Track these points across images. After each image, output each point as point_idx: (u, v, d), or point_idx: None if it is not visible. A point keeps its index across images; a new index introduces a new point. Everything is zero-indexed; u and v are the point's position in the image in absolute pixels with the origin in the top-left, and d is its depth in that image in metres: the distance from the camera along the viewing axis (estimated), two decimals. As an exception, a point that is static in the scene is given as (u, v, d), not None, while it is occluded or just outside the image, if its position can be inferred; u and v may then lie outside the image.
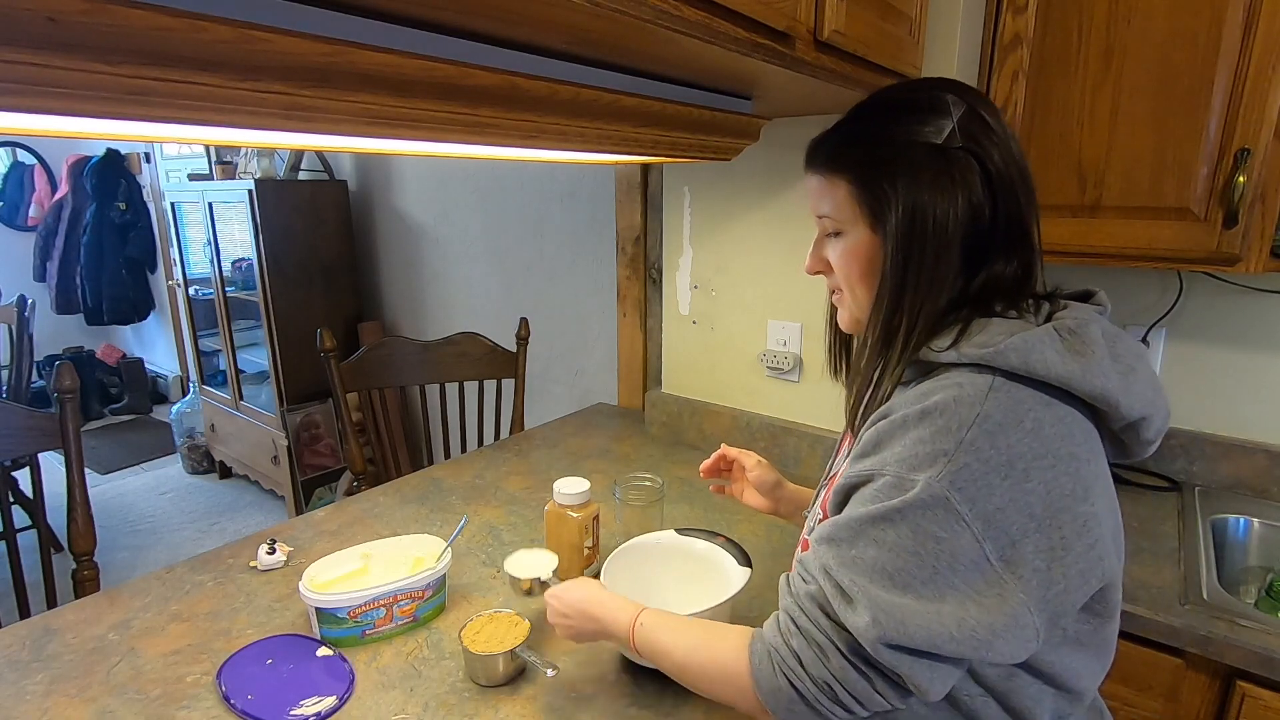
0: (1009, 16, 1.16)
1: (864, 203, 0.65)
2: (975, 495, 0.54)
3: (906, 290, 0.63)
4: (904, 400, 0.61)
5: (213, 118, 0.55)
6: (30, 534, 1.48)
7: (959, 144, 0.62)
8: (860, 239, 0.66)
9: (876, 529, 0.56)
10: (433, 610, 0.99)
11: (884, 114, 0.66)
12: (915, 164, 0.62)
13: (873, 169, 0.64)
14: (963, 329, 0.61)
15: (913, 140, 0.62)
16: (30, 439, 1.21)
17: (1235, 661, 0.90)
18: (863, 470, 0.60)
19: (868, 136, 0.66)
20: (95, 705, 0.83)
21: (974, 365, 0.59)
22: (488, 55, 0.70)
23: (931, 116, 0.63)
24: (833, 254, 0.70)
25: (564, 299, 2.29)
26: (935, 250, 0.62)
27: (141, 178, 4.10)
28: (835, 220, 0.68)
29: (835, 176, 0.67)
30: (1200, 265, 1.10)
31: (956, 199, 0.61)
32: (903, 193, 0.62)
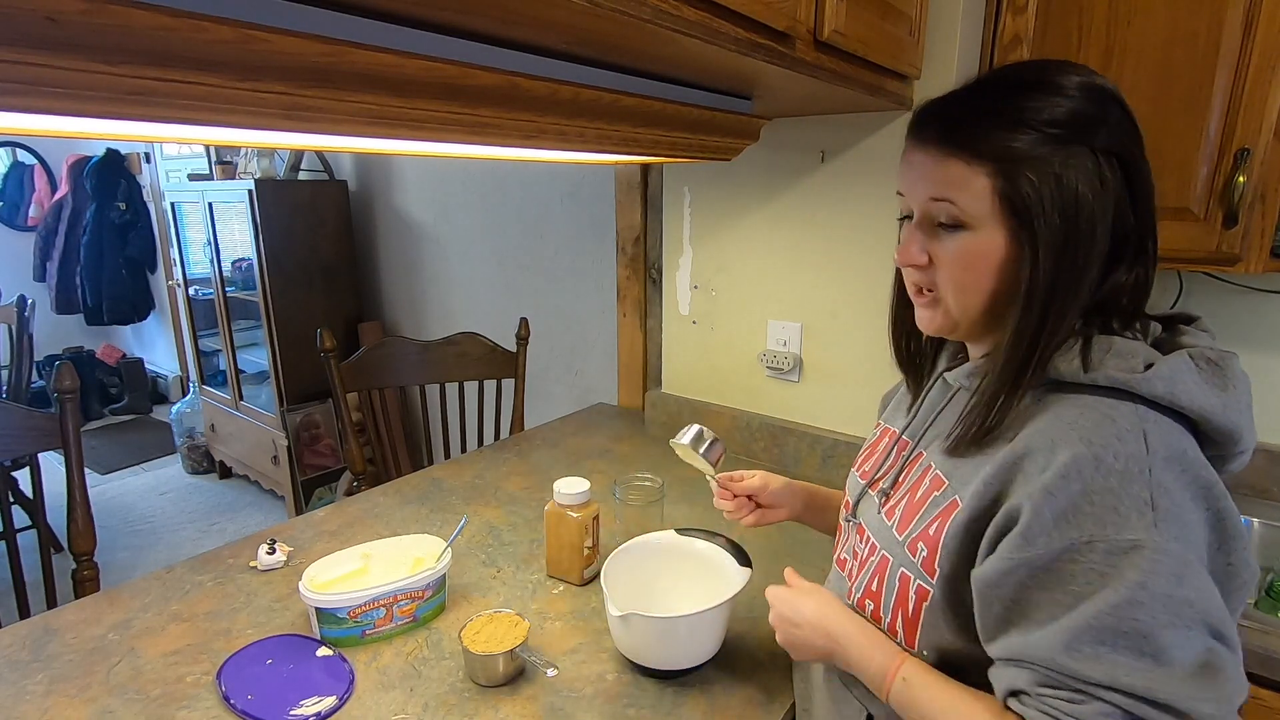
0: (1009, 16, 1.16)
1: (1010, 202, 0.57)
2: (1186, 534, 0.52)
3: (1053, 305, 0.57)
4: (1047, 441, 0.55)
5: (213, 118, 0.55)
6: (30, 534, 1.48)
7: (1111, 146, 0.57)
8: (992, 240, 0.59)
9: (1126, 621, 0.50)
10: (433, 610, 0.99)
11: (1032, 98, 0.57)
12: (1071, 166, 0.56)
13: (1025, 165, 0.56)
14: (1084, 347, 0.57)
15: (1070, 138, 0.56)
16: (30, 439, 1.21)
17: (1235, 661, 0.90)
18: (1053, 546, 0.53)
19: (1018, 122, 0.57)
20: (95, 705, 0.83)
21: (1108, 389, 0.55)
22: (488, 55, 0.70)
23: (1089, 108, 0.57)
24: (944, 249, 0.61)
25: (564, 299, 2.29)
26: (1085, 264, 0.57)
27: (141, 178, 4.10)
28: (963, 213, 0.59)
29: (975, 163, 0.58)
30: (1200, 265, 1.10)
31: (1108, 209, 0.56)
32: (1059, 199, 0.55)
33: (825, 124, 1.36)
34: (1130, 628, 0.50)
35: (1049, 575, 0.54)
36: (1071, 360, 0.57)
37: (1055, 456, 0.54)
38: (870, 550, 0.72)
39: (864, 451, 0.84)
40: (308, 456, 2.92)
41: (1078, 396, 0.57)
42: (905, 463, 0.72)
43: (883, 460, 0.77)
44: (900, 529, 0.67)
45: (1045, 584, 0.54)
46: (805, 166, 1.40)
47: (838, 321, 1.44)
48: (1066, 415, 0.56)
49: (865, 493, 0.77)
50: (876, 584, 0.69)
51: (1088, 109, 0.57)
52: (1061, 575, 0.53)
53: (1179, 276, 1.30)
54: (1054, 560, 0.53)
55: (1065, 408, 0.56)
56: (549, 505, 1.06)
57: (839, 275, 1.41)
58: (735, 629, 0.97)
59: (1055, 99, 0.57)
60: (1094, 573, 0.51)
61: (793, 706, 0.84)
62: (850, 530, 0.78)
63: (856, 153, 1.34)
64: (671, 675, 0.88)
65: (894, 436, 0.78)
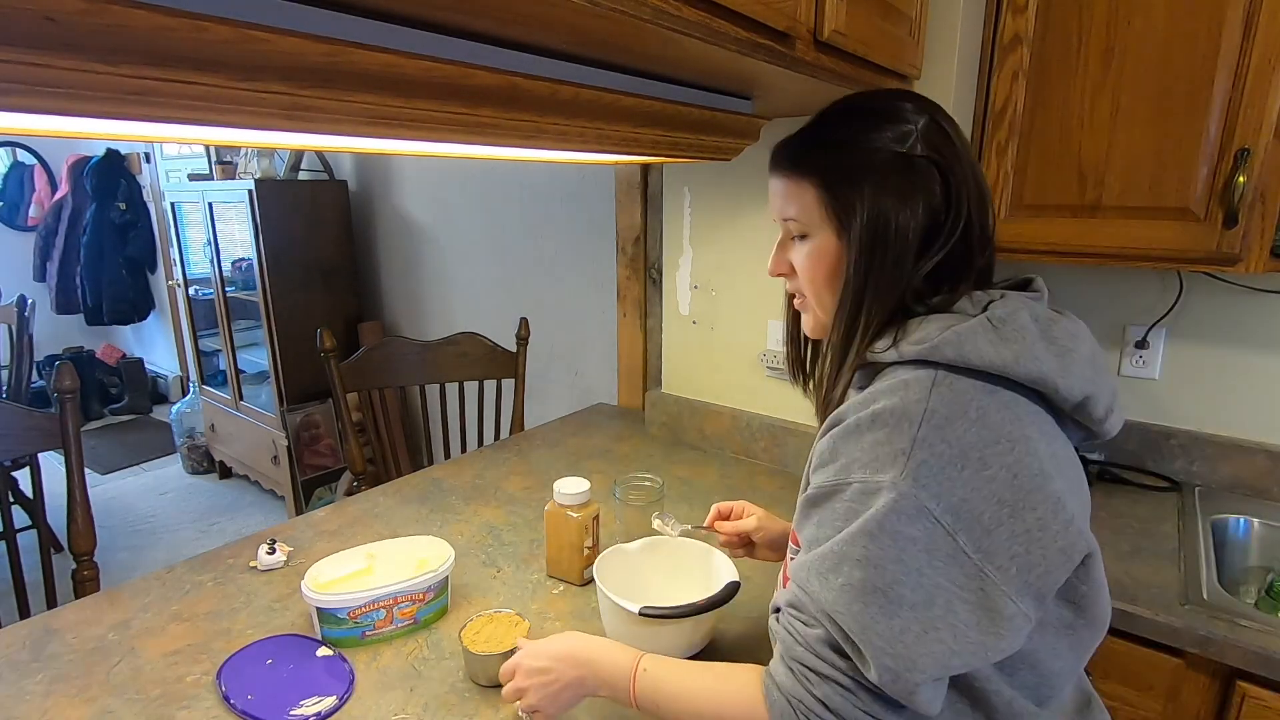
0: (1009, 16, 1.16)
1: (830, 207, 0.66)
2: (939, 490, 0.55)
3: (867, 294, 0.65)
4: (854, 405, 0.62)
5: (213, 118, 0.55)
6: (30, 534, 1.48)
7: (921, 152, 0.64)
8: (826, 243, 0.67)
9: (857, 548, 0.56)
10: (434, 613, 0.99)
11: (850, 120, 0.68)
12: (881, 170, 0.64)
13: (840, 174, 0.65)
14: (900, 328, 0.63)
15: (879, 147, 0.64)
16: (30, 439, 1.21)
17: (1235, 662, 0.90)
18: (826, 482, 0.61)
19: (835, 141, 0.67)
20: (95, 705, 0.83)
21: (915, 362, 0.61)
22: (488, 55, 0.70)
23: (896, 124, 0.65)
24: (797, 257, 0.71)
25: (564, 299, 2.29)
26: (895, 255, 0.64)
27: (141, 178, 4.10)
28: (801, 223, 0.69)
29: (803, 180, 0.68)
30: (1200, 265, 1.10)
31: (918, 205, 0.64)
32: (869, 198, 0.64)
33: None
34: (862, 554, 0.55)
35: (817, 505, 0.62)
36: (886, 342, 0.64)
37: (850, 415, 0.61)
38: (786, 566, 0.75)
39: None
40: (308, 456, 2.92)
41: (889, 370, 0.63)
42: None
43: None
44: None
45: (812, 513, 0.62)
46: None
47: (838, 321, 1.43)
48: (873, 389, 0.62)
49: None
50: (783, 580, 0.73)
51: (898, 122, 0.65)
52: (824, 506, 0.61)
53: (1179, 276, 1.30)
54: (824, 493, 0.61)
55: (878, 384, 0.62)
56: (549, 505, 1.06)
57: (839, 275, 1.41)
58: (734, 629, 0.97)
59: (874, 120, 0.66)
60: (847, 506, 0.58)
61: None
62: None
63: (856, 153, 1.34)
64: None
65: None
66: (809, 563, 0.60)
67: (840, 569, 0.57)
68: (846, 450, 0.60)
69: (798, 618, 0.61)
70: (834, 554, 0.57)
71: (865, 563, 0.55)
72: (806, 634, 0.59)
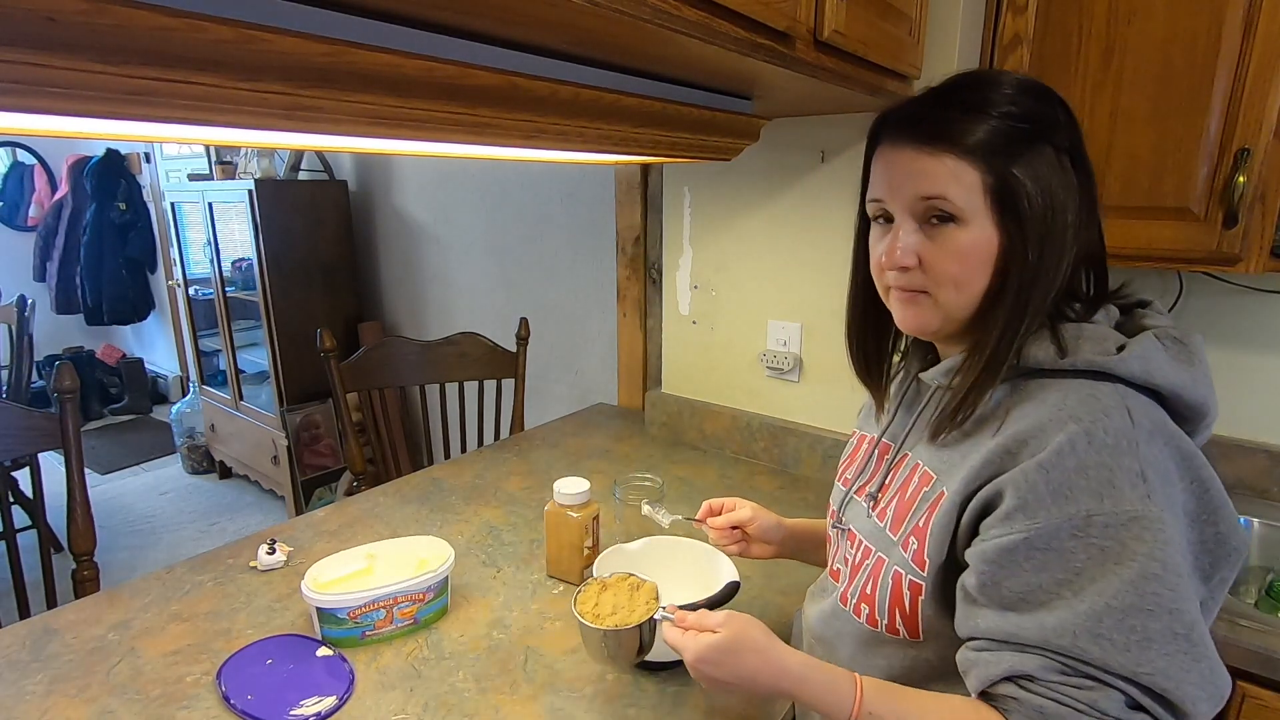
0: (1009, 16, 1.16)
1: (998, 195, 0.59)
2: (1169, 504, 0.53)
3: (1035, 294, 0.59)
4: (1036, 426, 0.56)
5: (213, 118, 0.55)
6: (30, 534, 1.48)
7: (1066, 144, 0.60)
8: (984, 233, 0.60)
9: (1148, 598, 0.50)
10: (434, 614, 0.99)
11: (1003, 100, 0.60)
12: (1045, 161, 0.59)
13: (1011, 159, 0.58)
14: (1055, 333, 0.59)
15: (1037, 135, 0.59)
16: (30, 439, 1.21)
17: (1235, 661, 0.90)
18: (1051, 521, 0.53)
19: (999, 118, 0.59)
20: (95, 705, 0.83)
21: (1086, 373, 0.58)
22: (488, 55, 0.70)
23: (1046, 110, 0.60)
24: (936, 247, 0.62)
25: (564, 299, 2.29)
26: (1062, 254, 0.60)
27: (141, 178, 4.10)
28: (956, 208, 0.60)
29: (964, 158, 0.59)
30: (1200, 265, 1.10)
31: (1075, 198, 0.60)
32: (1039, 192, 0.58)
33: (825, 124, 1.36)
34: (1154, 604, 0.50)
35: (1048, 554, 0.53)
36: (1046, 347, 0.59)
37: (1047, 436, 0.55)
38: (864, 554, 0.71)
39: (844, 460, 0.85)
40: (308, 456, 2.92)
41: (1058, 381, 0.58)
42: (890, 465, 0.72)
43: (864, 465, 0.77)
44: (894, 528, 0.67)
45: (1045, 564, 0.53)
46: (805, 166, 1.40)
47: (838, 321, 1.42)
48: (1051, 399, 0.57)
49: (850, 499, 0.77)
50: (871, 586, 0.68)
51: (1044, 109, 0.61)
52: (1062, 553, 0.53)
53: (1179, 276, 1.30)
54: (1053, 537, 0.53)
55: (1048, 393, 0.58)
56: (549, 505, 1.06)
57: (839, 275, 1.40)
58: (735, 629, 0.97)
59: (1020, 98, 0.60)
60: (1095, 548, 0.52)
61: (793, 706, 0.84)
62: (840, 538, 0.78)
63: (856, 153, 1.33)
64: (665, 667, 0.88)
65: (873, 442, 0.78)
66: (1077, 626, 0.52)
67: (1127, 624, 0.50)
68: (1062, 478, 0.53)
69: (1079, 687, 0.52)
70: (1113, 610, 0.51)
71: (1159, 611, 0.50)
72: (1099, 702, 0.51)
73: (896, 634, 0.66)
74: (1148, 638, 0.50)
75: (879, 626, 0.67)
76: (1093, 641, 0.51)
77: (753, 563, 0.99)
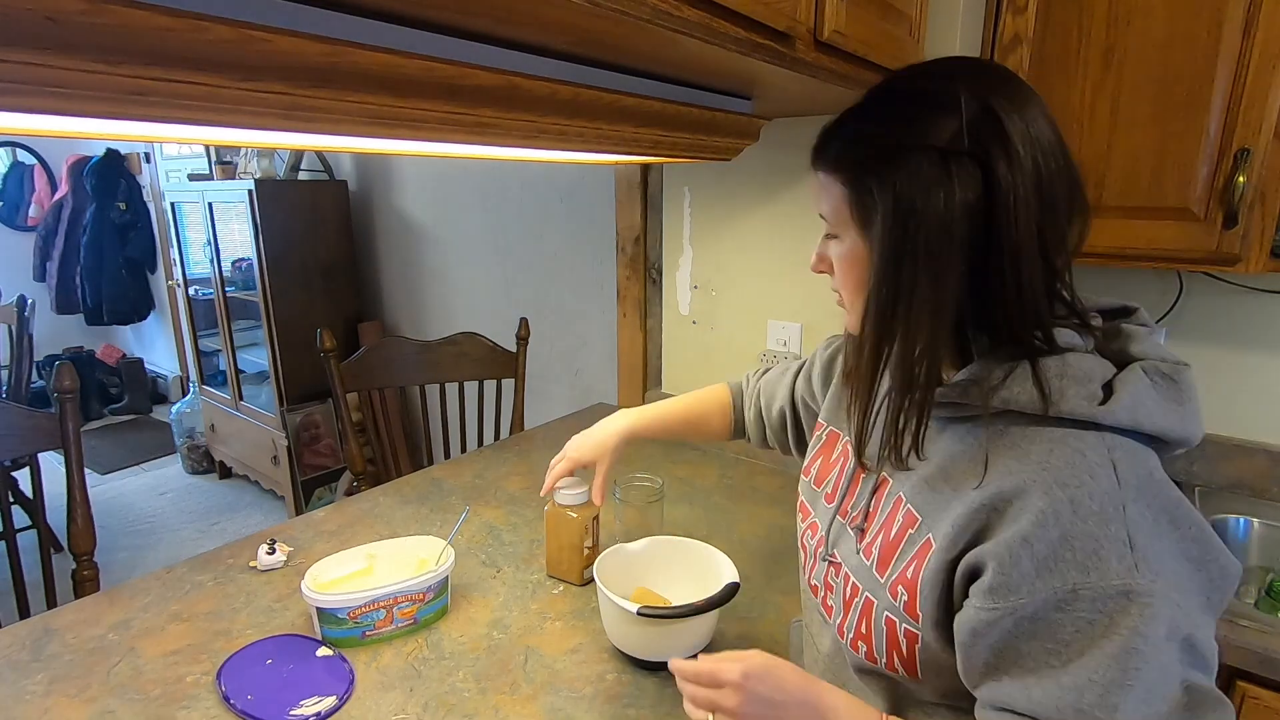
0: (1009, 16, 1.16)
1: (855, 207, 0.61)
2: (1159, 569, 0.51)
3: (898, 310, 0.57)
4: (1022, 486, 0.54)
5: (213, 118, 0.55)
6: (30, 534, 1.48)
7: (964, 148, 0.54)
8: (854, 246, 0.62)
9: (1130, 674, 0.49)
10: (434, 614, 0.99)
11: (888, 108, 0.61)
12: (909, 169, 0.55)
13: (864, 172, 0.59)
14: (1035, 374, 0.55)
15: (912, 142, 0.56)
16: (30, 439, 1.21)
17: (1235, 661, 0.90)
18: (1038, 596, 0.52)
19: (866, 134, 0.60)
20: (95, 705, 0.83)
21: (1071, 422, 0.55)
22: (488, 55, 0.70)
23: (938, 114, 0.56)
24: (831, 256, 0.67)
25: (564, 299, 2.29)
26: (927, 268, 0.55)
27: (141, 178, 4.09)
28: (830, 223, 0.65)
29: (831, 176, 0.63)
30: (1200, 265, 1.10)
31: (954, 210, 0.54)
32: (889, 200, 0.56)
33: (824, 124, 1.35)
34: (1135, 680, 0.49)
35: (1036, 625, 0.53)
36: (1029, 390, 0.55)
37: (1030, 501, 0.53)
38: (853, 591, 0.69)
39: (814, 454, 0.82)
40: (308, 456, 2.92)
41: (1041, 430, 0.56)
42: (874, 490, 0.70)
43: (844, 484, 0.74)
44: (880, 569, 0.65)
45: (1034, 633, 0.53)
46: (805, 166, 1.39)
47: (838, 321, 1.42)
48: (1035, 454, 0.55)
49: (837, 523, 0.74)
50: (865, 626, 0.67)
51: (938, 111, 0.56)
52: (1050, 624, 0.52)
53: (1179, 276, 1.30)
54: (1040, 609, 0.52)
55: (1032, 445, 0.55)
56: (549, 505, 1.06)
57: (839, 275, 1.41)
58: (734, 629, 0.97)
59: (914, 108, 0.58)
60: (1083, 622, 0.51)
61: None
62: (822, 564, 0.75)
63: (856, 153, 1.34)
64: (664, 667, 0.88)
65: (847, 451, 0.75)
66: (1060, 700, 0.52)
67: (1108, 700, 0.50)
68: (1047, 550, 0.52)
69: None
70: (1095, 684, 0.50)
71: (1138, 687, 0.50)
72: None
73: (896, 672, 0.65)
74: (1126, 713, 0.50)
75: (878, 664, 0.67)
76: (1075, 715, 0.51)
77: (753, 563, 0.99)
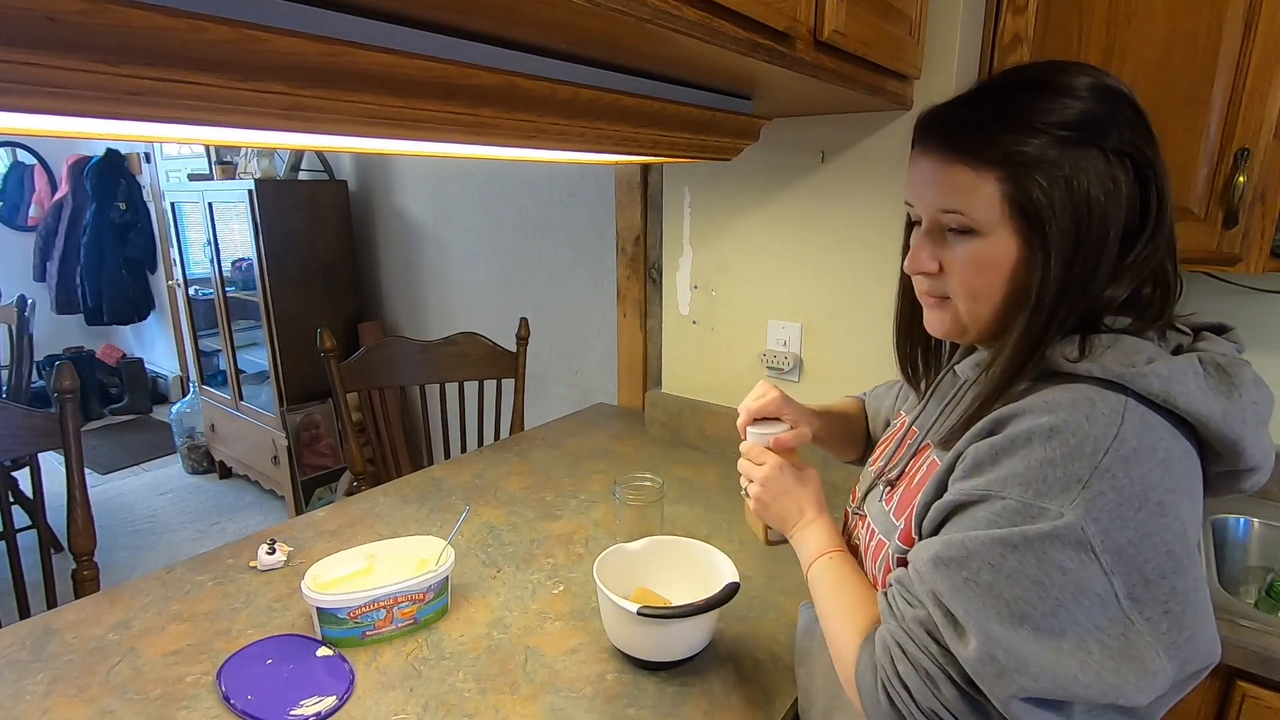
0: (1009, 16, 1.16)
1: (1020, 206, 0.56)
2: (1109, 527, 0.50)
3: (1060, 309, 0.56)
4: (1019, 410, 0.55)
5: (213, 118, 0.55)
6: (30, 534, 1.48)
7: (1123, 148, 0.55)
8: (1003, 245, 0.58)
9: (994, 553, 0.51)
10: (434, 613, 0.98)
11: (1039, 100, 0.56)
12: (1082, 169, 0.54)
13: (1034, 169, 0.55)
14: (1084, 339, 0.56)
15: (1080, 140, 0.54)
16: (30, 439, 1.21)
17: (1235, 661, 0.90)
18: (976, 489, 0.55)
19: (1025, 125, 0.55)
20: (95, 705, 0.83)
21: (1104, 382, 0.54)
22: (488, 55, 0.70)
23: (1099, 111, 0.55)
24: (954, 256, 0.61)
25: (564, 299, 2.29)
26: (1094, 268, 0.56)
27: (141, 178, 4.09)
28: (972, 220, 0.58)
29: (981, 169, 0.57)
30: (1200, 265, 1.10)
31: (1120, 212, 0.55)
32: (1070, 203, 0.54)
33: (825, 124, 1.36)
34: (995, 560, 0.51)
35: (960, 511, 0.56)
36: (1070, 350, 0.57)
37: (1020, 421, 0.55)
38: (870, 535, 0.73)
39: (882, 442, 0.85)
40: (308, 456, 2.92)
41: (1069, 385, 0.56)
42: (913, 454, 0.73)
43: (892, 450, 0.78)
44: (897, 513, 0.68)
45: (954, 518, 0.57)
46: (805, 166, 1.40)
47: (838, 321, 1.44)
48: (1048, 394, 0.56)
49: (874, 484, 0.78)
50: (872, 568, 0.71)
51: (1098, 110, 0.55)
52: (970, 514, 0.55)
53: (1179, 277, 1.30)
54: (971, 501, 0.55)
55: (1054, 390, 0.56)
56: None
57: (839, 275, 1.41)
58: (734, 629, 0.97)
59: (1064, 100, 0.56)
60: (993, 521, 0.53)
61: (793, 705, 0.84)
62: (855, 519, 0.80)
63: (856, 153, 1.34)
64: (664, 667, 0.88)
65: (905, 426, 0.79)
66: (931, 546, 0.56)
67: (967, 564, 0.52)
68: (1008, 461, 0.53)
69: (901, 595, 0.58)
70: (963, 547, 0.53)
71: (997, 569, 0.51)
72: (906, 612, 0.57)
73: None
74: (973, 580, 0.52)
75: None
76: (931, 563, 0.55)
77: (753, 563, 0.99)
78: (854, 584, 0.68)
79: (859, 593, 0.67)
